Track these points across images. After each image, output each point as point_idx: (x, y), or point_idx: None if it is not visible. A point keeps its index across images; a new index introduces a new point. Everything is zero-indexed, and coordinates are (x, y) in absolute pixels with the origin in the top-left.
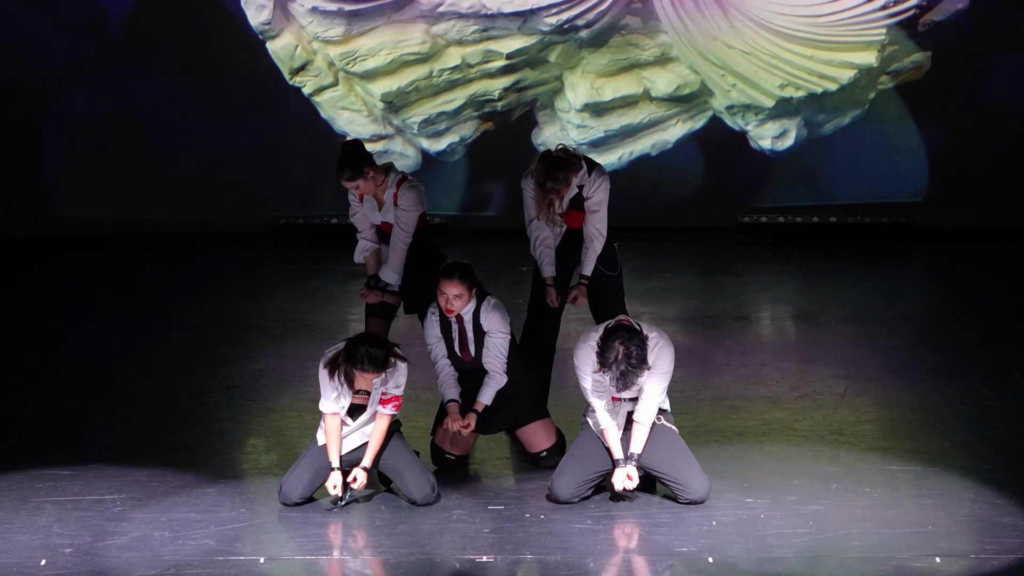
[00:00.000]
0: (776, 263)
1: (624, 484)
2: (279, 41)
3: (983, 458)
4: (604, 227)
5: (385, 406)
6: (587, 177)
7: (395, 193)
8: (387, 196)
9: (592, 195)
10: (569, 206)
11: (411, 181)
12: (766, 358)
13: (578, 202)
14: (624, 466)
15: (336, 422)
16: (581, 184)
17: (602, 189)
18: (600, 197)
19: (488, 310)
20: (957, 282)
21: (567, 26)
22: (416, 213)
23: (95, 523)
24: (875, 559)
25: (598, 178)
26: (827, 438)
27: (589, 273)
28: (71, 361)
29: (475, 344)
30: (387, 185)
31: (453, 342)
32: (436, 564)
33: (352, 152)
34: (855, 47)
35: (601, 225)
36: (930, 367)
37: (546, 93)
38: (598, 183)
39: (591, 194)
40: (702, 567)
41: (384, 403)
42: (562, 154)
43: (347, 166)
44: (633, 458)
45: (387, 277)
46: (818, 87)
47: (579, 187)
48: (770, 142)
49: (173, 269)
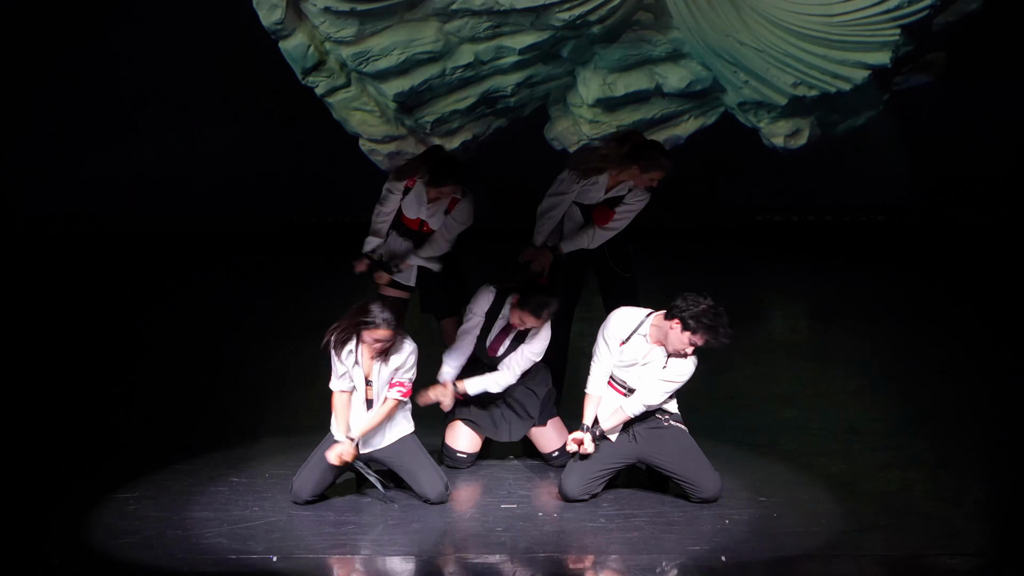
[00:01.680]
0: (789, 262)
1: (572, 448)
2: (291, 41)
3: (996, 457)
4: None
5: (391, 389)
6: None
7: (453, 200)
8: (440, 203)
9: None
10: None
11: (469, 195)
12: (779, 357)
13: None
14: (584, 432)
15: (344, 399)
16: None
17: (641, 203)
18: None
19: (539, 332)
20: (974, 280)
21: (579, 22)
22: (464, 227)
23: (108, 521)
24: (888, 557)
25: (643, 194)
26: (840, 436)
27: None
28: (84, 360)
29: (508, 347)
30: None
31: (490, 332)
32: (448, 563)
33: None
34: (869, 47)
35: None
36: (944, 365)
37: (558, 88)
38: (641, 198)
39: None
40: (715, 566)
41: (391, 386)
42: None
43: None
44: (596, 430)
45: (427, 256)
46: (831, 87)
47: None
48: (783, 140)
49: (187, 268)
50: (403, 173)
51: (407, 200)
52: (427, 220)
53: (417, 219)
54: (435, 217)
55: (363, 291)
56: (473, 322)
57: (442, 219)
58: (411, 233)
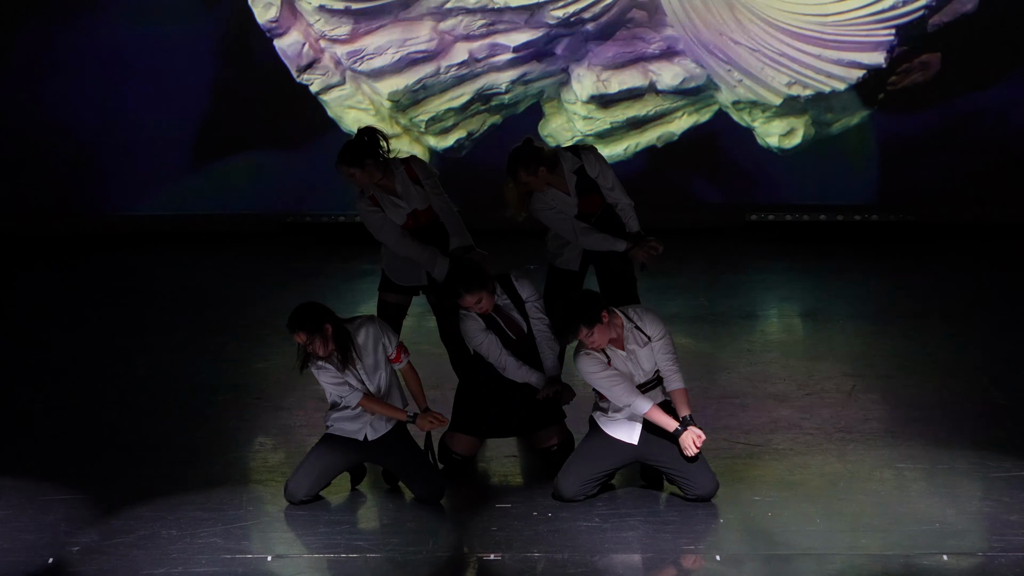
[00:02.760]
0: (783, 261)
1: (694, 447)
2: (286, 39)
3: (991, 456)
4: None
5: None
6: (578, 159)
7: (407, 169)
8: (399, 180)
9: (601, 173)
10: (578, 193)
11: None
12: (773, 356)
13: (585, 186)
14: (685, 430)
15: (372, 396)
16: (577, 168)
17: (606, 166)
18: (609, 174)
19: (518, 282)
20: (965, 279)
21: (573, 19)
22: (435, 175)
23: (102, 521)
24: (883, 557)
25: (596, 159)
26: (834, 436)
27: (638, 228)
28: (79, 359)
29: (520, 315)
30: (394, 173)
31: (501, 327)
32: (443, 562)
33: (359, 140)
34: (863, 47)
35: (623, 194)
36: (938, 364)
37: (553, 86)
38: (599, 163)
39: (599, 174)
40: (710, 565)
41: (394, 361)
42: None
43: (347, 153)
44: (689, 419)
45: (462, 241)
46: (826, 86)
47: (576, 172)
48: (777, 140)
49: (180, 268)
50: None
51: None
52: (414, 207)
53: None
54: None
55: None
56: (490, 346)
57: (420, 192)
58: (420, 232)
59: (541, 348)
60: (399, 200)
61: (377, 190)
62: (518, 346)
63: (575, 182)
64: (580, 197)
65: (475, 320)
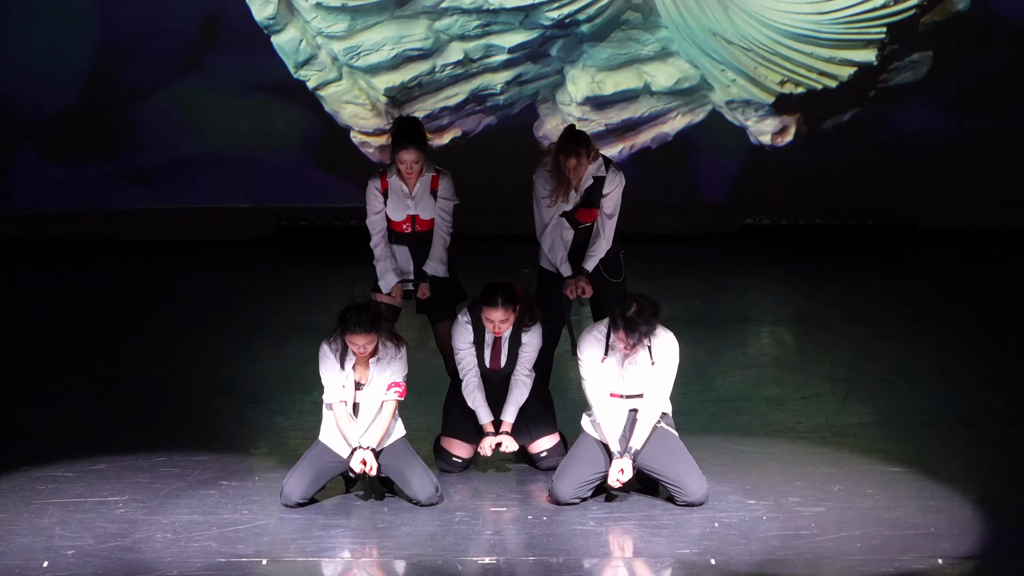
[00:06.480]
0: (778, 265)
1: (617, 477)
2: (284, 35)
3: (985, 460)
4: (612, 233)
5: (388, 391)
6: (604, 170)
7: (434, 178)
8: (421, 183)
9: (610, 193)
10: (581, 203)
11: (444, 170)
12: (768, 360)
13: (591, 198)
14: (620, 459)
15: (344, 410)
16: (598, 175)
17: (619, 188)
18: (616, 198)
19: (526, 333)
20: (959, 284)
21: (568, 21)
22: (455, 202)
23: (97, 525)
24: (877, 561)
25: (615, 175)
26: (829, 440)
27: (590, 269)
28: (74, 363)
29: (507, 356)
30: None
31: (484, 351)
32: (438, 566)
33: (416, 126)
34: (855, 45)
35: (610, 231)
36: (932, 369)
37: (547, 87)
38: (615, 181)
39: (609, 192)
40: (704, 569)
41: (388, 388)
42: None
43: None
44: (631, 452)
45: (434, 270)
46: (818, 84)
47: (595, 178)
48: (770, 138)
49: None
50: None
51: (390, 204)
52: (417, 213)
53: (407, 217)
54: (423, 203)
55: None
56: (467, 359)
57: (431, 204)
58: (404, 238)
59: (511, 393)
60: (408, 199)
61: (399, 178)
62: (488, 379)
63: (588, 185)
64: (582, 202)
65: (467, 330)
